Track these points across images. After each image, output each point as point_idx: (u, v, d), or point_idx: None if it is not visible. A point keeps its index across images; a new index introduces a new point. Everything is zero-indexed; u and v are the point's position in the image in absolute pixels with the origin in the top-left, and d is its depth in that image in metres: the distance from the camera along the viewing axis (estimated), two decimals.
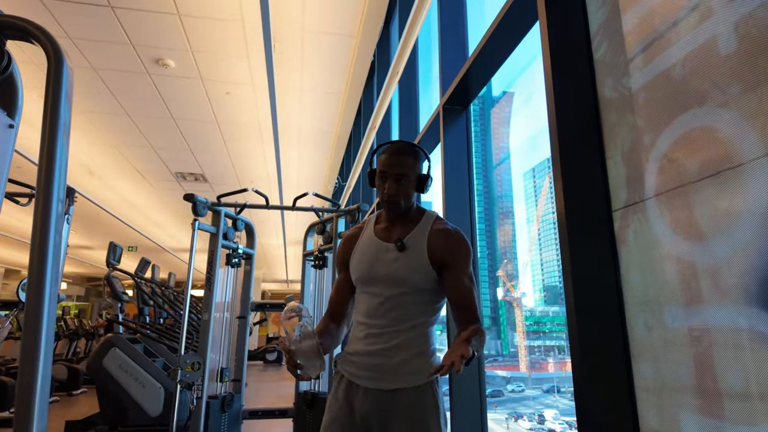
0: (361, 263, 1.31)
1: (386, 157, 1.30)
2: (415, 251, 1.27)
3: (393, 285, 1.26)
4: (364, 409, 1.22)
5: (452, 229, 1.32)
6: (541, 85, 1.42)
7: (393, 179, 1.28)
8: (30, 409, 1.13)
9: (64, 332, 9.50)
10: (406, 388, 1.21)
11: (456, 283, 1.26)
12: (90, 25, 4.21)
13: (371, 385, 1.23)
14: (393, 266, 1.27)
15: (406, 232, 1.31)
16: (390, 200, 1.28)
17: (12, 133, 1.47)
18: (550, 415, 15.55)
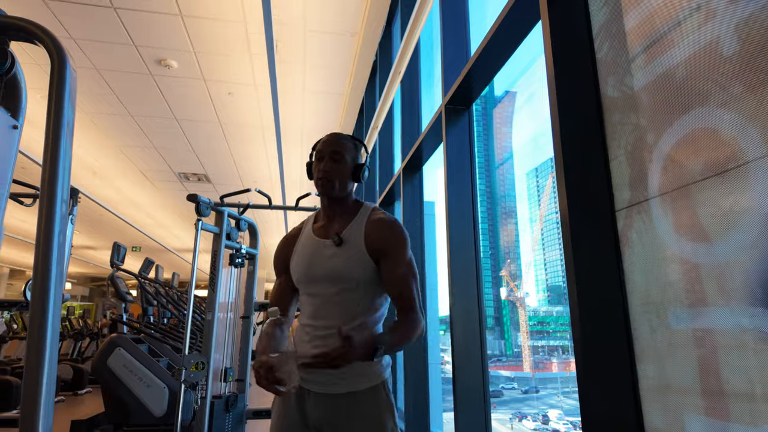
0: (299, 264, 1.27)
1: (323, 140, 1.30)
2: (352, 244, 1.23)
3: (333, 282, 1.21)
4: (316, 415, 1.17)
5: (388, 217, 1.28)
6: (544, 85, 1.42)
7: (328, 158, 1.25)
8: (36, 408, 1.14)
9: (69, 332, 9.54)
10: (359, 390, 1.18)
11: (392, 272, 1.22)
12: (93, 26, 4.23)
13: (322, 390, 1.18)
14: (331, 262, 1.22)
15: (343, 226, 1.26)
16: (324, 177, 1.24)
17: (16, 134, 1.48)
18: (555, 415, 15.53)
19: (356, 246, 1.23)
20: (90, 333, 9.89)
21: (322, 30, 4.51)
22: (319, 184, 1.25)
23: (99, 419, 4.81)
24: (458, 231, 2.50)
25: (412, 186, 3.78)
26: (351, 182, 1.30)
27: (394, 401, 1.23)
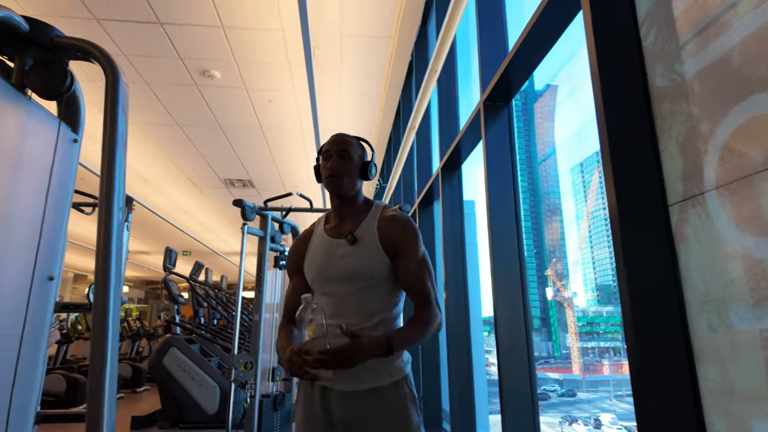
0: (314, 264, 1.28)
1: (330, 140, 1.32)
2: (367, 242, 1.24)
3: (349, 281, 1.22)
4: (341, 413, 1.18)
5: (400, 214, 1.29)
6: (587, 77, 1.37)
7: (336, 155, 1.27)
8: (100, 404, 1.21)
9: (127, 333, 10.09)
10: (382, 386, 1.19)
11: (406, 268, 1.23)
12: (142, 41, 4.46)
13: (347, 388, 1.18)
14: (345, 261, 1.23)
15: (356, 225, 1.27)
16: (333, 174, 1.25)
17: (76, 147, 1.58)
18: (607, 419, 14.93)
19: (370, 244, 1.24)
20: (146, 334, 10.42)
21: (359, 34, 4.55)
22: (329, 182, 1.26)
23: (157, 416, 5.06)
24: (500, 230, 2.45)
25: (451, 185, 3.74)
26: (359, 180, 1.32)
27: (416, 395, 1.23)
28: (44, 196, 1.41)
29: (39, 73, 1.37)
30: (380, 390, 1.18)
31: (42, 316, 1.41)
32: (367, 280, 1.21)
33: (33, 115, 1.39)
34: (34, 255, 1.38)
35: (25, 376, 1.33)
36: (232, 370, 3.01)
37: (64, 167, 1.50)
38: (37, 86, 1.37)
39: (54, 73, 1.38)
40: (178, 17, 4.10)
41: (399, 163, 5.99)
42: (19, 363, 1.31)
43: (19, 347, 1.31)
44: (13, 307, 1.31)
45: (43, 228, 1.40)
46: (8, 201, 1.29)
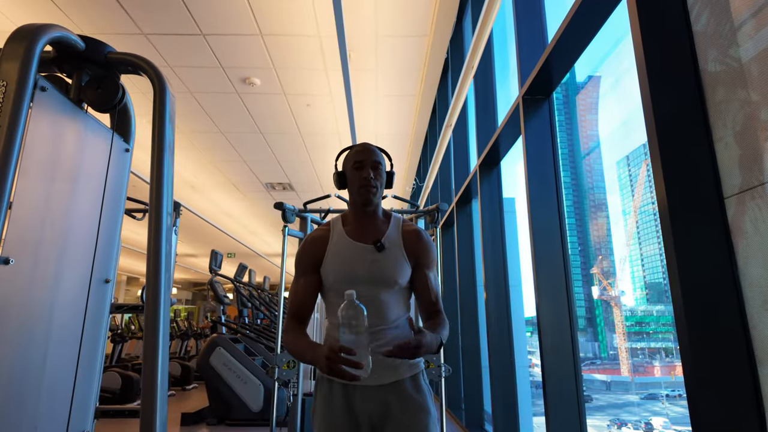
0: (341, 265, 1.31)
1: (358, 150, 1.36)
2: (393, 251, 1.33)
3: (376, 284, 1.30)
4: (365, 408, 1.24)
5: (421, 229, 1.41)
6: (632, 65, 1.32)
7: (370, 167, 1.33)
8: (153, 400, 1.27)
9: (176, 333, 10.53)
10: (403, 379, 1.28)
11: (425, 279, 1.36)
12: (186, 52, 4.64)
13: (370, 383, 1.25)
14: (375, 266, 1.30)
15: (380, 234, 1.35)
16: (368, 185, 1.31)
17: (128, 156, 1.67)
18: (659, 423, 14.27)
19: (396, 253, 1.33)
20: (194, 333, 10.85)
21: (393, 34, 4.56)
22: (364, 191, 1.32)
23: (205, 413, 5.26)
24: (542, 227, 2.39)
25: (489, 182, 3.68)
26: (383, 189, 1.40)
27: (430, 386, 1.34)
28: (100, 204, 1.50)
29: (94, 87, 1.45)
30: (400, 383, 1.27)
31: (99, 317, 1.49)
32: (392, 285, 1.31)
33: (89, 128, 1.48)
34: (92, 259, 1.46)
35: (85, 372, 1.42)
36: (276, 369, 3.09)
37: (117, 176, 1.59)
38: (92, 100, 1.45)
39: (108, 88, 1.46)
40: (219, 28, 4.25)
41: (435, 161, 5.95)
42: (80, 360, 1.39)
43: (79, 346, 1.40)
44: (74, 308, 1.40)
45: (99, 234, 1.49)
46: (68, 209, 1.38)
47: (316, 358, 1.11)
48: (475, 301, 4.76)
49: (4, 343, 1.16)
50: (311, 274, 1.34)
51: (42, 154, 1.29)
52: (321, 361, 1.07)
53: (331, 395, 1.26)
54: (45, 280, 1.28)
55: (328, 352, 1.05)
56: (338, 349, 1.05)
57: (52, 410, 1.30)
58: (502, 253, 3.58)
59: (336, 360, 1.04)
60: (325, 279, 1.33)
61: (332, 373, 1.05)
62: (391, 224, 1.38)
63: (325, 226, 1.40)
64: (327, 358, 1.05)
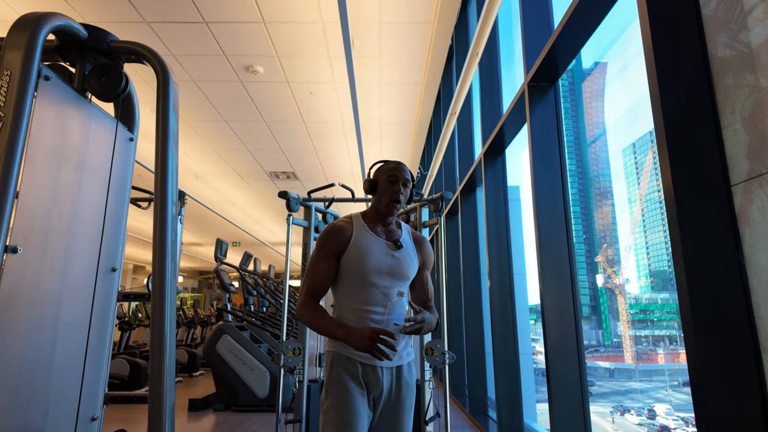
0: (367, 256, 1.48)
1: (395, 166, 1.57)
2: (408, 251, 1.56)
3: (394, 277, 1.50)
4: (375, 382, 1.45)
5: (425, 238, 1.66)
6: (639, 51, 1.30)
7: (402, 184, 1.54)
8: (161, 387, 1.29)
9: (183, 321, 10.64)
10: (405, 363, 1.52)
11: (425, 279, 1.63)
12: (189, 41, 4.62)
13: (387, 365, 1.47)
14: (396, 262, 1.51)
15: (397, 235, 1.58)
16: (397, 200, 1.52)
17: (132, 145, 1.67)
18: (662, 410, 14.35)
19: (410, 253, 1.57)
20: (200, 321, 10.96)
21: (397, 21, 4.51)
22: (392, 204, 1.53)
23: (212, 399, 5.33)
24: (547, 215, 2.39)
25: (494, 170, 3.66)
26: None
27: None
28: (105, 193, 1.51)
29: (98, 76, 1.45)
30: (402, 367, 1.51)
31: (107, 305, 1.51)
32: (406, 279, 1.53)
33: (93, 117, 1.48)
34: (98, 248, 1.47)
35: (94, 359, 1.44)
36: (281, 356, 3.12)
37: (121, 165, 1.59)
38: (96, 89, 1.45)
39: (111, 76, 1.46)
40: (222, 15, 4.22)
41: (440, 150, 5.93)
42: (89, 347, 1.41)
43: (88, 333, 1.41)
44: (82, 296, 1.41)
45: (105, 223, 1.50)
46: (74, 199, 1.39)
47: (351, 335, 1.32)
48: (479, 289, 4.77)
49: (15, 331, 1.18)
50: (333, 259, 1.49)
51: (47, 143, 1.30)
52: (362, 340, 1.28)
53: (352, 369, 1.44)
54: (53, 269, 1.30)
55: (372, 334, 1.28)
56: (383, 333, 1.28)
57: (62, 396, 1.32)
58: (506, 242, 3.58)
59: (378, 341, 1.27)
60: (347, 266, 1.48)
61: (369, 350, 1.27)
62: (403, 229, 1.62)
63: (348, 219, 1.56)
64: (370, 339, 1.27)
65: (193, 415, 4.92)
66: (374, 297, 1.47)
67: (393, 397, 1.48)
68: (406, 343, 1.54)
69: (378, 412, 1.46)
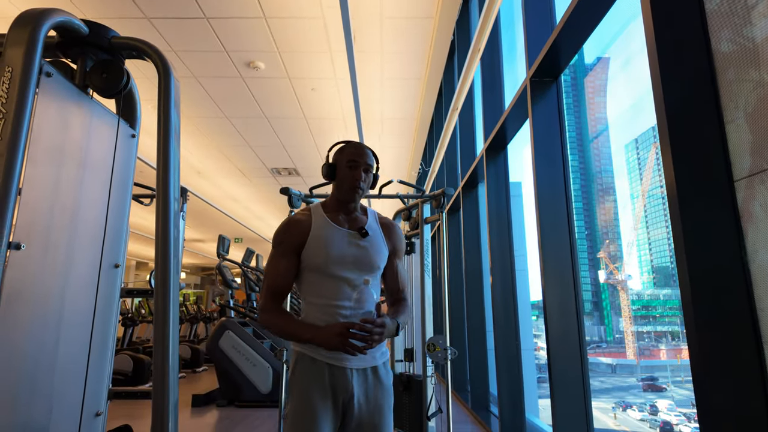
0: (328, 248, 1.36)
1: (355, 149, 1.43)
2: (375, 239, 1.44)
3: (361, 268, 1.38)
4: (348, 388, 1.32)
5: (394, 223, 1.53)
6: (642, 46, 1.29)
7: (363, 169, 1.41)
8: (165, 382, 1.29)
9: (186, 317, 10.67)
10: (378, 364, 1.39)
11: (396, 268, 1.50)
12: (190, 37, 4.61)
13: (356, 365, 1.34)
14: (361, 251, 1.39)
15: (362, 222, 1.45)
16: (357, 186, 1.40)
17: (134, 142, 1.67)
18: (664, 406, 14.37)
19: (378, 240, 1.44)
20: (203, 317, 10.99)
21: (398, 16, 4.49)
22: (353, 192, 1.41)
23: (215, 394, 5.36)
24: (549, 212, 2.38)
25: (496, 167, 3.66)
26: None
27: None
28: (107, 190, 1.51)
29: (99, 73, 1.45)
30: (378, 368, 1.39)
31: (110, 301, 1.51)
32: (375, 269, 1.41)
33: (95, 114, 1.48)
34: (101, 244, 1.48)
35: (98, 355, 1.45)
36: (284, 352, 3.13)
37: (123, 161, 1.59)
38: (97, 85, 1.45)
39: (113, 73, 1.46)
40: (222, 11, 4.21)
41: (441, 146, 5.92)
42: (92, 343, 1.42)
43: (91, 329, 1.42)
44: (85, 292, 1.42)
45: (108, 219, 1.50)
46: (77, 195, 1.39)
47: (319, 335, 1.23)
48: (480, 286, 4.77)
49: (18, 328, 1.18)
50: (292, 255, 1.38)
51: (49, 140, 1.30)
52: (331, 338, 1.20)
53: (316, 372, 1.32)
54: (56, 265, 1.30)
55: (340, 329, 1.20)
56: (352, 327, 1.20)
57: (66, 392, 1.33)
58: (508, 238, 3.57)
59: (348, 336, 1.19)
60: (308, 261, 1.37)
61: (341, 348, 1.19)
62: (369, 215, 1.49)
63: (306, 211, 1.45)
64: (340, 335, 1.19)
65: (197, 411, 4.95)
66: (341, 291, 1.35)
67: (371, 401, 1.34)
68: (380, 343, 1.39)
69: (353, 418, 1.32)
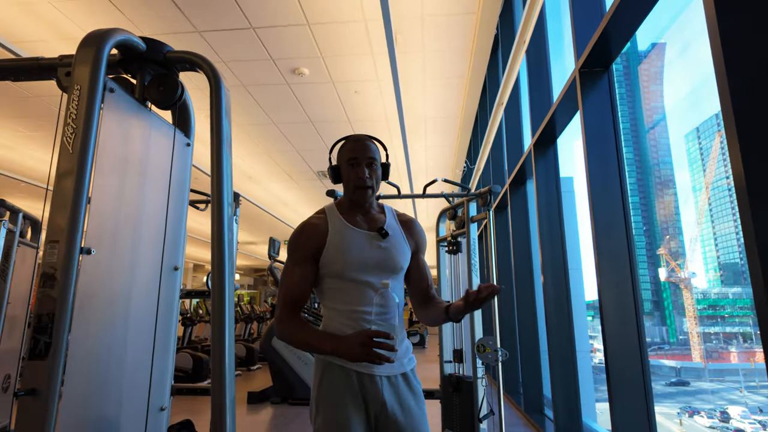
0: (348, 252, 1.29)
1: (353, 145, 1.33)
2: (396, 239, 1.35)
3: (383, 271, 1.31)
4: (379, 397, 1.24)
5: (414, 219, 1.45)
6: (703, 28, 1.21)
7: (365, 164, 1.31)
8: (222, 380, 1.35)
9: (240, 316, 11.09)
10: (406, 371, 1.31)
11: (421, 265, 1.43)
12: (238, 47, 4.78)
13: (385, 373, 1.26)
14: (382, 253, 1.31)
15: (381, 222, 1.36)
16: (363, 185, 1.31)
17: (189, 150, 1.76)
18: (737, 413, 13.39)
19: (398, 240, 1.36)
20: (257, 317, 11.38)
21: (440, 13, 4.46)
22: (360, 192, 1.32)
23: (269, 392, 5.53)
24: (603, 207, 2.28)
25: (545, 162, 3.55)
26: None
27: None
28: (166, 196, 1.59)
29: (156, 86, 1.54)
30: (406, 375, 1.31)
31: (171, 302, 1.60)
32: (396, 272, 1.33)
33: (153, 125, 1.57)
34: (161, 248, 1.56)
35: (161, 353, 1.53)
36: None
37: (180, 169, 1.68)
38: (155, 98, 1.54)
39: (168, 85, 1.54)
40: (268, 20, 4.34)
41: (487, 142, 5.81)
42: (156, 342, 1.50)
43: (155, 328, 1.50)
44: (148, 294, 1.50)
45: (167, 224, 1.58)
46: (139, 202, 1.48)
47: (340, 345, 1.15)
48: (531, 285, 4.64)
49: (91, 328, 1.27)
50: (310, 263, 1.30)
51: (114, 151, 1.39)
52: (353, 348, 1.11)
53: (345, 382, 1.25)
54: (122, 269, 1.39)
55: (363, 339, 1.11)
56: (375, 334, 1.11)
57: (134, 388, 1.41)
58: (560, 235, 3.46)
59: (372, 345, 1.10)
60: (327, 267, 1.29)
61: (365, 359, 1.10)
62: (387, 213, 1.41)
63: (320, 214, 1.37)
64: (363, 345, 1.10)
65: (252, 408, 5.13)
66: (365, 295, 1.27)
67: (405, 410, 1.26)
68: (407, 348, 1.35)
69: (387, 430, 1.24)
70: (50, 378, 1.11)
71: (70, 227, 1.17)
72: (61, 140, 1.22)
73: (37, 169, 8.21)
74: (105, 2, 4.07)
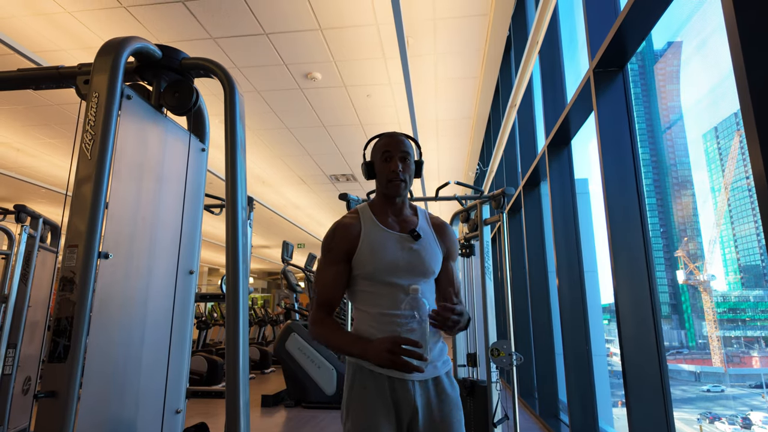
0: (380, 254, 1.27)
1: (387, 140, 1.34)
2: (428, 241, 1.33)
3: (415, 274, 1.28)
4: (412, 403, 1.21)
5: (446, 222, 1.42)
6: (720, 26, 1.19)
7: (398, 158, 1.31)
8: (237, 383, 1.36)
9: (254, 320, 11.16)
10: (440, 375, 1.27)
11: (451, 271, 1.41)
12: (251, 53, 4.84)
13: (418, 377, 1.23)
14: (415, 256, 1.29)
15: (413, 223, 1.35)
16: (396, 178, 1.30)
17: (204, 155, 1.78)
18: (759, 419, 13.06)
19: (431, 242, 1.34)
20: (270, 320, 11.45)
21: (452, 16, 4.45)
22: (393, 185, 1.31)
23: (283, 395, 5.55)
24: (619, 208, 2.25)
25: (559, 163, 3.51)
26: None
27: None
28: (182, 201, 1.61)
29: (171, 92, 1.56)
30: (439, 379, 1.27)
31: (186, 305, 1.61)
32: (428, 275, 1.32)
33: (169, 131, 1.59)
34: (177, 252, 1.58)
35: (177, 356, 1.55)
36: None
37: (195, 174, 1.70)
38: (171, 104, 1.56)
39: (184, 92, 1.56)
40: (280, 26, 4.38)
41: (500, 144, 5.78)
42: (171, 345, 1.52)
43: (170, 331, 1.52)
44: (164, 297, 1.52)
45: (183, 228, 1.60)
46: (155, 207, 1.50)
47: (368, 350, 1.13)
48: (546, 288, 4.59)
49: (109, 331, 1.29)
50: (343, 263, 1.30)
51: (131, 157, 1.41)
52: (381, 354, 1.09)
53: (375, 387, 1.22)
54: (139, 272, 1.41)
55: (391, 345, 1.08)
56: (403, 342, 1.08)
57: (150, 390, 1.43)
58: (575, 238, 3.41)
59: (400, 352, 1.07)
60: (359, 268, 1.28)
61: (393, 365, 1.07)
62: (420, 215, 1.39)
63: (354, 214, 1.37)
64: (390, 352, 1.07)
65: (266, 411, 5.15)
66: (396, 299, 1.25)
67: (437, 417, 1.22)
68: (441, 350, 1.30)
69: None
70: (69, 380, 1.13)
71: (88, 232, 1.19)
72: (80, 147, 1.25)
73: (57, 175, 8.41)
74: (122, 12, 4.15)
